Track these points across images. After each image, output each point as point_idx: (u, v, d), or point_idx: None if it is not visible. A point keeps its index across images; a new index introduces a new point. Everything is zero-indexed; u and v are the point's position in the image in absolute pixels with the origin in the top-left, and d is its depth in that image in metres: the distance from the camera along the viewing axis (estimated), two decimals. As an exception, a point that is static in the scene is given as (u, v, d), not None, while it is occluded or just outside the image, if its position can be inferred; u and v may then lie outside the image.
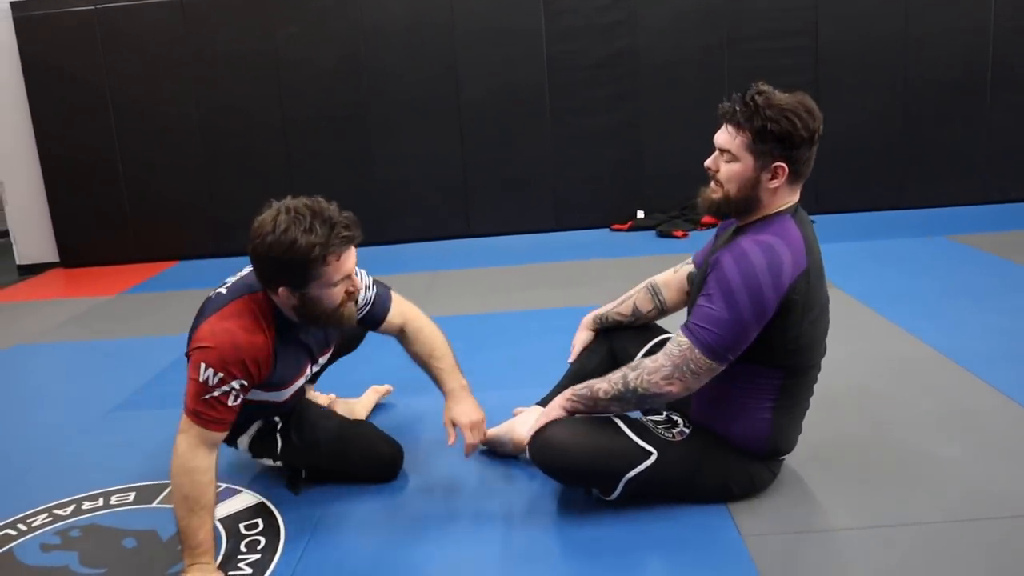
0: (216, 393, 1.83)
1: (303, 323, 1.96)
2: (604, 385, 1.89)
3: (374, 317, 2.17)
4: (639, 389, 1.83)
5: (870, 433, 2.34)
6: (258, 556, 1.94)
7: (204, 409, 1.83)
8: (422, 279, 4.51)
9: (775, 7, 5.46)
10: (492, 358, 2.85)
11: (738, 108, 1.77)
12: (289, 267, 1.77)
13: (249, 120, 5.67)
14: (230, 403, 1.86)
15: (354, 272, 1.90)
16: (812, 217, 1.98)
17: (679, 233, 5.32)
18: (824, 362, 2.85)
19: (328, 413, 2.33)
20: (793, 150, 1.75)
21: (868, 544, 1.80)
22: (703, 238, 5.19)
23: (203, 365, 1.82)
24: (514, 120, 5.64)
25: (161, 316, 4.35)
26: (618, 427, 1.91)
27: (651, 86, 5.59)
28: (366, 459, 2.24)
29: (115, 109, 5.66)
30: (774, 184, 1.79)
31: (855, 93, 5.56)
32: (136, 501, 2.24)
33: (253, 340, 1.86)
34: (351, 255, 1.85)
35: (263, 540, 2.00)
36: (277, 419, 2.22)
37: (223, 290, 1.97)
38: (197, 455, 1.83)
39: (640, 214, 5.68)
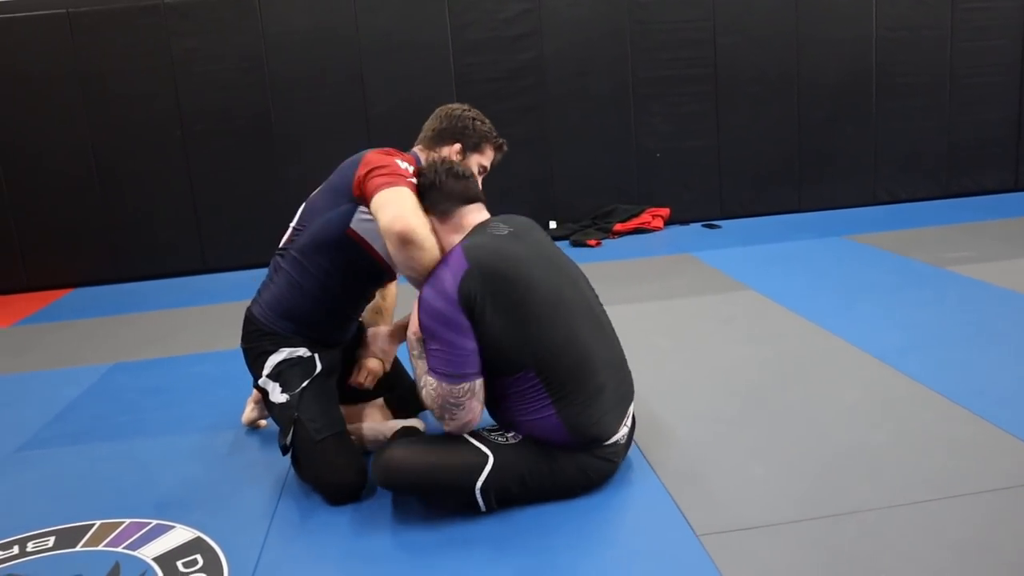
0: (402, 166, 2.16)
1: None
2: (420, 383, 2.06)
3: None
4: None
5: (803, 426, 2.42)
6: (201, 594, 1.84)
7: (403, 175, 2.11)
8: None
9: (675, 19, 5.63)
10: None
11: None
12: (475, 132, 2.38)
13: (146, 136, 5.42)
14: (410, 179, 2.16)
15: (481, 176, 2.39)
16: (718, 222, 2.06)
17: (592, 242, 5.39)
18: (752, 359, 2.99)
19: (334, 407, 2.30)
20: (423, 198, 2.13)
21: (818, 534, 1.85)
22: (616, 246, 5.32)
23: (376, 158, 2.18)
24: (423, 133, 5.60)
25: (61, 347, 4.09)
26: (453, 437, 2.03)
27: (559, 97, 5.66)
28: (329, 472, 2.17)
29: (-4, 129, 5.33)
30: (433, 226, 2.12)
31: (753, 102, 5.80)
32: (56, 546, 2.08)
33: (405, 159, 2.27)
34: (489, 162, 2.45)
35: (204, 577, 1.90)
36: (317, 361, 2.28)
37: None
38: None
39: (553, 224, 5.73)
